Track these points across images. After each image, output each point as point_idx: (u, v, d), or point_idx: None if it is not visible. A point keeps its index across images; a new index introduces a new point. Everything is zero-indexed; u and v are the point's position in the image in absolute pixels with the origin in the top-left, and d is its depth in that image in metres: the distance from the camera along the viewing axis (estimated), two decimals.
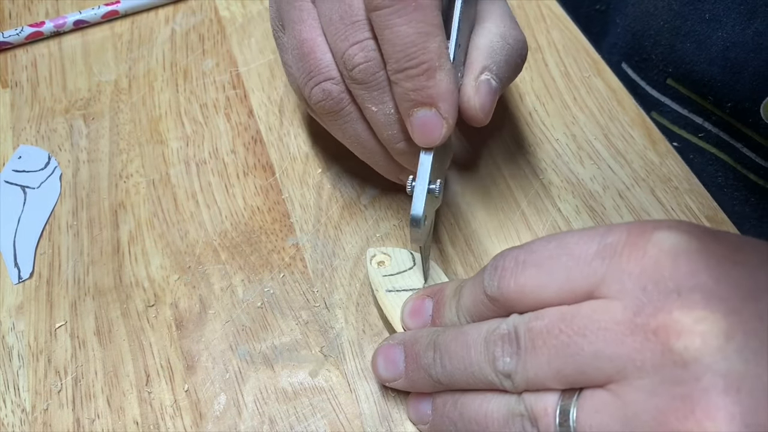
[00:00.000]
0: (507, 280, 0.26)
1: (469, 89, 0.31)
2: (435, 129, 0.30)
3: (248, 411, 0.32)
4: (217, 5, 0.48)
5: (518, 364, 0.25)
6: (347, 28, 0.30)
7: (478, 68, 0.31)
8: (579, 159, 0.39)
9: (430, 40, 0.28)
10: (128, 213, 0.39)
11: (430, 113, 0.29)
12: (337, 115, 0.33)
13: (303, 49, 0.32)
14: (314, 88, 0.32)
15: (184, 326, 0.35)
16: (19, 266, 0.37)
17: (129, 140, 0.42)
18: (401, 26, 0.28)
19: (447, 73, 0.29)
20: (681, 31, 0.43)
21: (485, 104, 0.31)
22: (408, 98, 0.29)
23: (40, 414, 0.32)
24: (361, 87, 0.31)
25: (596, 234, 0.25)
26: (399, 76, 0.29)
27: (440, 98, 0.29)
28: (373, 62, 0.30)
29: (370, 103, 0.31)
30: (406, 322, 0.31)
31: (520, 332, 0.25)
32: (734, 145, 0.44)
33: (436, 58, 0.29)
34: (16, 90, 0.45)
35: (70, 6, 0.48)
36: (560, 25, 0.45)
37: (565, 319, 0.24)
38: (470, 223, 0.37)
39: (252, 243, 0.37)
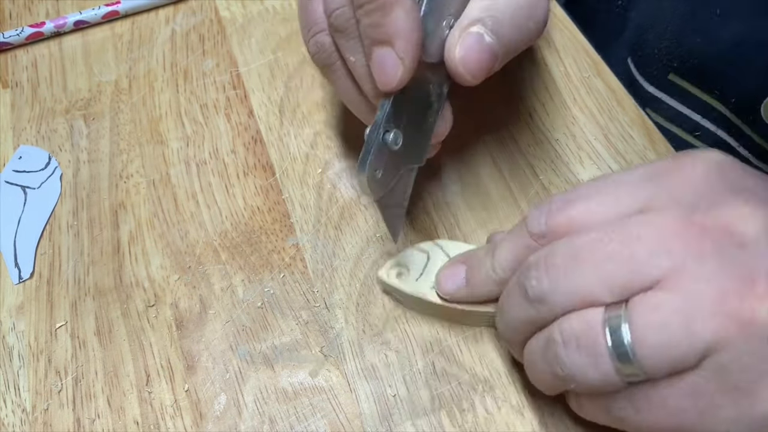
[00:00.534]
0: (554, 216, 0.26)
1: (452, 40, 0.29)
2: (391, 68, 0.28)
3: (248, 411, 0.32)
4: (218, 5, 0.48)
5: (550, 283, 0.25)
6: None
7: (467, 20, 0.29)
8: (579, 159, 0.39)
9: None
10: (128, 213, 0.39)
11: (387, 51, 0.28)
12: (330, 68, 0.32)
13: (302, 1, 0.32)
14: (310, 39, 0.31)
15: (185, 326, 0.35)
16: (19, 266, 0.37)
17: (129, 140, 0.42)
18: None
19: (405, 10, 0.27)
20: (690, 26, 0.43)
21: (468, 58, 0.29)
22: (366, 35, 0.28)
23: (41, 414, 0.33)
24: (340, 36, 0.30)
25: (641, 165, 0.26)
26: (359, 13, 0.28)
27: (396, 35, 0.27)
28: (347, 7, 0.29)
29: (347, 52, 0.30)
30: (441, 288, 0.31)
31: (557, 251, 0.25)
32: (731, 144, 0.44)
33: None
34: (16, 90, 0.45)
35: (71, 6, 0.49)
36: (560, 25, 0.45)
37: (616, 227, 0.24)
38: (470, 223, 0.37)
39: (252, 243, 0.37)
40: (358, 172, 0.28)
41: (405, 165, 0.31)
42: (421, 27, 0.28)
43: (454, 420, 0.31)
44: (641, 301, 0.23)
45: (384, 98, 0.29)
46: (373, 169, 0.28)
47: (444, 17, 0.29)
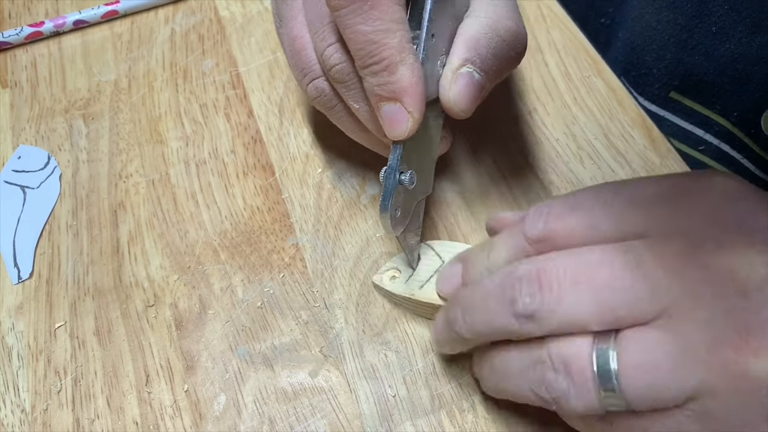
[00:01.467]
0: (553, 222, 0.26)
1: (445, 82, 0.31)
2: (401, 122, 0.30)
3: (248, 411, 0.32)
4: (217, 5, 0.48)
5: (544, 304, 0.24)
6: (323, 29, 0.31)
7: (457, 60, 0.31)
8: (579, 159, 0.39)
9: (389, 36, 0.28)
10: (128, 213, 0.39)
11: (395, 107, 0.29)
12: (332, 110, 0.34)
13: (295, 46, 0.33)
14: (308, 85, 0.33)
15: (184, 326, 0.34)
16: (18, 266, 0.37)
17: (129, 140, 0.42)
18: (359, 25, 0.28)
19: (409, 67, 0.29)
20: (688, 44, 0.43)
21: (461, 97, 0.31)
22: (373, 93, 0.30)
23: (40, 414, 0.32)
24: (341, 86, 0.32)
25: (651, 180, 0.25)
26: (364, 72, 0.30)
27: (403, 93, 0.29)
28: (345, 64, 0.31)
29: (351, 100, 0.32)
30: (440, 289, 0.32)
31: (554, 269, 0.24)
32: (734, 156, 0.44)
33: (396, 53, 0.29)
34: (15, 90, 0.45)
35: (70, 6, 0.48)
36: (560, 25, 0.45)
37: (618, 252, 0.23)
38: (470, 223, 0.37)
39: (252, 243, 0.37)
40: (381, 216, 0.30)
41: (417, 197, 0.33)
42: (423, 80, 0.30)
43: (454, 420, 0.31)
44: (633, 338, 0.23)
45: (394, 144, 0.31)
46: (394, 209, 0.30)
47: (438, 57, 0.31)
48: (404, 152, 0.31)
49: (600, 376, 0.23)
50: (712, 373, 0.21)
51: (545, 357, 0.24)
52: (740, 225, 0.23)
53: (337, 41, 0.30)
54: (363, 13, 0.28)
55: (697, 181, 0.25)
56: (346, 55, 0.30)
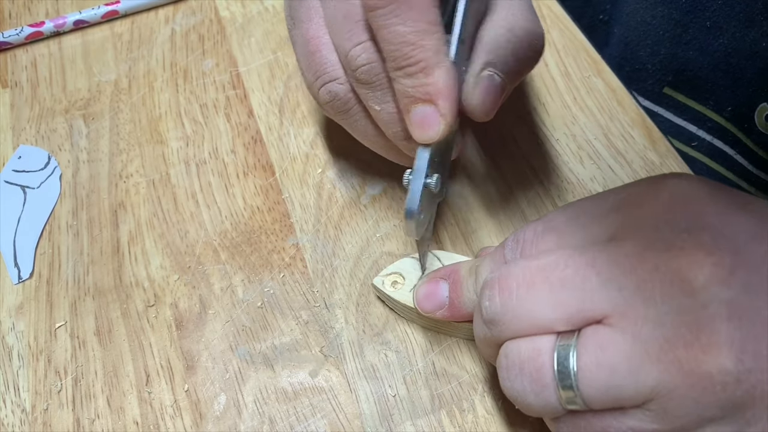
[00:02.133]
0: (528, 250, 0.27)
1: (469, 86, 0.31)
2: (433, 125, 0.29)
3: (248, 411, 0.32)
4: (217, 5, 0.48)
5: (502, 305, 0.25)
6: (350, 28, 0.30)
7: (479, 64, 0.31)
8: (579, 159, 0.39)
9: (426, 38, 0.28)
10: (128, 213, 0.39)
11: (429, 109, 0.29)
12: (345, 114, 0.33)
13: (309, 48, 0.32)
14: (321, 88, 0.32)
15: (184, 326, 0.35)
16: (19, 266, 0.37)
17: (129, 140, 0.42)
18: (397, 26, 0.28)
19: (445, 70, 0.29)
20: (683, 39, 0.44)
21: (486, 101, 0.31)
22: (407, 95, 0.29)
23: (40, 414, 0.32)
24: (365, 87, 0.31)
25: (611, 192, 0.26)
26: (398, 74, 0.29)
27: (438, 95, 0.29)
28: (375, 63, 0.30)
29: (373, 102, 0.31)
30: (421, 306, 0.31)
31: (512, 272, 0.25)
32: (727, 152, 0.45)
33: (433, 55, 0.28)
34: (16, 90, 0.45)
35: (70, 6, 0.48)
36: (560, 25, 0.45)
37: (573, 255, 0.24)
38: (470, 223, 0.37)
39: (252, 243, 0.37)
40: (406, 219, 0.30)
41: (435, 201, 0.34)
42: (457, 84, 0.29)
43: (454, 420, 0.31)
44: (591, 336, 0.23)
45: (422, 147, 0.30)
46: (419, 214, 0.30)
47: (464, 63, 0.31)
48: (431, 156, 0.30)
49: (560, 373, 0.23)
50: (667, 372, 0.22)
51: (502, 358, 0.25)
52: (689, 226, 0.23)
53: (367, 40, 0.30)
54: (401, 14, 0.28)
55: (651, 185, 0.25)
56: (375, 54, 0.30)
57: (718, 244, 0.23)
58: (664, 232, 0.23)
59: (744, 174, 0.45)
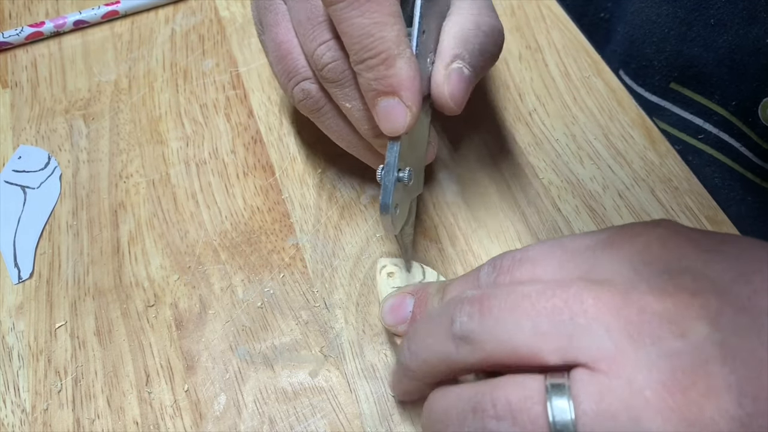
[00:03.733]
0: (503, 276, 0.26)
1: (439, 77, 0.31)
2: (399, 117, 0.29)
3: (248, 411, 0.32)
4: (217, 5, 0.48)
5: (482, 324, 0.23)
6: (314, 29, 0.31)
7: (449, 56, 0.31)
8: (579, 159, 0.39)
9: (386, 29, 0.28)
10: (128, 213, 0.39)
11: (393, 102, 0.29)
12: (318, 112, 0.34)
13: (280, 51, 0.33)
14: (294, 88, 0.33)
15: (184, 326, 0.35)
16: (19, 266, 0.37)
17: (129, 140, 0.42)
18: (356, 18, 0.28)
19: (407, 60, 0.29)
20: (688, 37, 0.44)
21: (456, 92, 0.31)
22: (370, 88, 0.29)
23: (40, 414, 0.32)
24: (333, 85, 0.31)
25: (590, 233, 0.26)
26: (360, 67, 0.29)
27: (401, 86, 0.29)
28: (339, 61, 0.30)
29: (343, 100, 0.32)
30: (385, 320, 0.32)
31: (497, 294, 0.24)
32: (733, 145, 0.45)
33: (394, 46, 0.28)
34: (16, 90, 0.45)
35: (70, 6, 0.48)
36: (560, 25, 0.45)
37: (561, 286, 0.23)
38: (470, 223, 0.37)
39: (252, 243, 0.37)
40: (381, 214, 0.30)
41: (411, 196, 0.34)
42: (420, 74, 0.30)
43: None
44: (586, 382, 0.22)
45: (391, 141, 0.30)
46: (394, 207, 0.30)
47: (427, 54, 0.32)
48: (401, 149, 0.31)
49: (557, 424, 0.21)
50: (669, 422, 0.21)
51: (486, 403, 0.23)
52: (669, 268, 0.23)
53: (330, 39, 0.30)
54: (360, 6, 0.28)
55: (631, 228, 0.25)
56: (339, 52, 0.30)
57: (701, 285, 0.22)
58: (644, 273, 0.23)
59: (749, 165, 0.45)
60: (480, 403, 0.23)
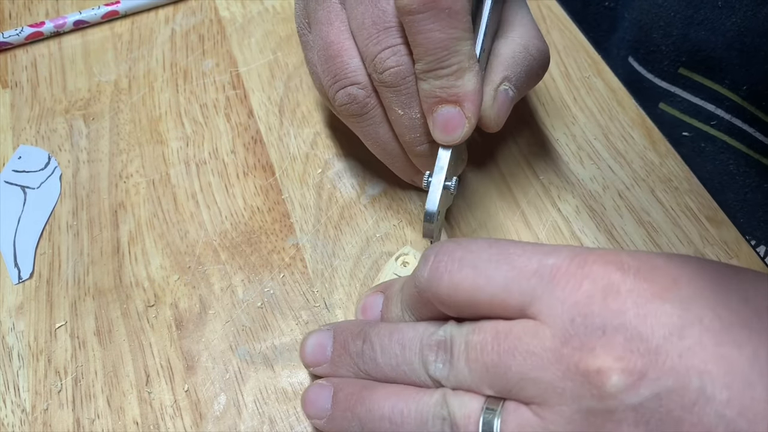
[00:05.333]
0: (440, 274, 0.26)
1: (488, 98, 0.32)
2: (457, 127, 0.31)
3: (248, 411, 0.32)
4: (217, 5, 0.48)
5: (450, 372, 0.26)
6: (380, 33, 0.31)
7: (498, 78, 0.32)
8: (579, 159, 0.39)
9: (461, 44, 0.30)
10: (128, 213, 0.39)
11: (454, 111, 0.31)
12: (361, 118, 0.34)
13: (329, 52, 0.32)
14: (339, 91, 0.33)
15: (184, 326, 0.35)
16: (19, 266, 0.37)
17: (129, 140, 0.42)
18: (434, 32, 0.29)
19: (475, 74, 0.30)
20: (695, 20, 0.44)
21: (501, 114, 0.32)
22: (433, 95, 0.30)
23: (40, 414, 0.32)
24: (390, 90, 0.32)
25: (538, 251, 0.25)
26: (428, 75, 0.30)
27: (466, 97, 0.30)
28: (404, 67, 0.31)
29: (397, 106, 0.32)
30: (359, 317, 0.32)
31: (456, 342, 0.26)
32: (746, 130, 0.45)
33: (466, 60, 0.30)
34: (16, 90, 0.45)
35: (70, 6, 0.48)
36: (560, 25, 0.45)
37: (499, 336, 0.24)
38: (470, 223, 0.37)
39: (252, 243, 0.37)
40: (425, 222, 0.31)
41: (447, 205, 0.35)
42: (482, 90, 0.31)
43: None
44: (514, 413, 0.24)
45: (443, 149, 0.32)
46: (438, 214, 0.31)
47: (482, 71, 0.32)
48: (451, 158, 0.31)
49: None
50: None
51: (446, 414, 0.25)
52: (604, 324, 0.23)
53: (396, 45, 0.31)
54: (440, 21, 0.29)
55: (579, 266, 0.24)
56: (405, 58, 0.31)
57: (631, 346, 0.22)
58: (580, 327, 0.23)
59: (765, 151, 0.45)
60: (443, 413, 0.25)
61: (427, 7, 0.28)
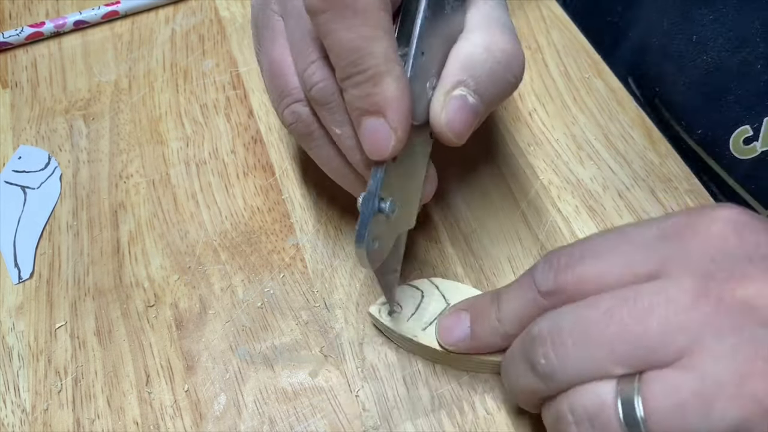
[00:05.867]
0: (564, 274, 0.25)
1: (437, 105, 0.28)
2: (383, 139, 0.27)
3: (248, 411, 0.32)
4: (217, 5, 0.48)
5: (559, 362, 0.24)
6: (306, 47, 0.28)
7: (450, 82, 0.28)
8: (579, 159, 0.39)
9: (374, 44, 0.26)
10: (128, 213, 0.39)
11: (378, 122, 0.27)
12: (309, 137, 0.31)
13: (273, 70, 0.30)
14: (285, 110, 0.30)
15: (184, 326, 0.35)
16: (19, 266, 0.37)
17: (129, 140, 0.42)
18: (341, 31, 0.26)
19: (395, 78, 0.26)
20: (668, 50, 0.42)
21: (455, 122, 0.28)
22: (354, 106, 0.27)
23: (40, 414, 0.32)
24: (322, 108, 0.29)
25: (654, 221, 0.25)
26: (345, 84, 0.27)
27: (387, 105, 0.26)
28: (329, 81, 0.28)
29: (333, 125, 0.29)
30: (443, 339, 0.31)
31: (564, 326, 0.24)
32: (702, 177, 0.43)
33: (382, 62, 0.26)
34: (16, 90, 0.45)
35: (70, 6, 0.48)
36: (560, 25, 0.45)
37: (627, 300, 0.23)
38: (470, 223, 0.37)
39: (252, 243, 0.37)
40: (356, 246, 0.27)
41: (398, 230, 0.31)
42: (410, 95, 0.27)
43: (454, 420, 0.31)
44: (656, 380, 0.22)
45: (375, 167, 0.28)
46: (371, 240, 0.27)
47: (428, 78, 0.29)
48: (386, 177, 0.27)
49: (627, 425, 0.22)
50: (744, 408, 0.21)
51: (567, 414, 0.24)
52: (749, 255, 0.22)
53: (321, 57, 0.28)
54: (345, 19, 0.25)
55: (700, 215, 0.24)
56: (329, 72, 0.28)
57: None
58: (722, 262, 0.22)
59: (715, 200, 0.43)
60: (561, 412, 0.24)
61: (328, 4, 0.25)
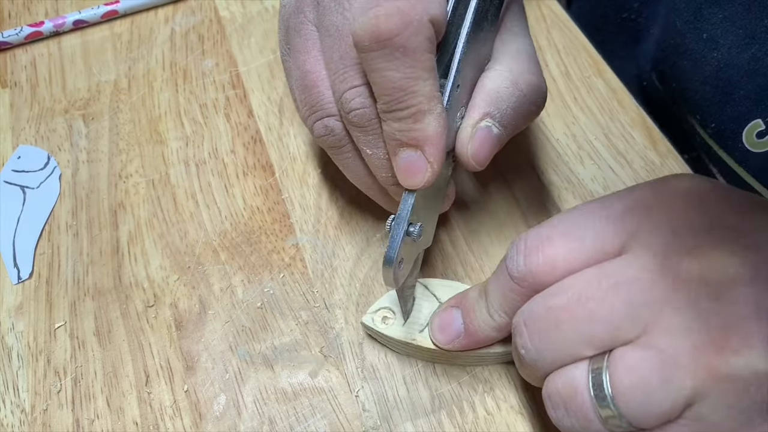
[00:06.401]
0: (533, 256, 0.26)
1: (465, 135, 0.30)
2: (419, 172, 0.28)
3: (248, 411, 0.32)
4: (217, 5, 0.48)
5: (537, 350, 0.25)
6: (346, 70, 0.29)
7: (478, 114, 0.30)
8: (579, 159, 0.39)
9: (419, 84, 0.27)
10: (128, 213, 0.39)
11: (415, 155, 0.28)
12: (338, 150, 0.32)
13: (306, 81, 0.31)
14: (317, 122, 0.31)
15: (184, 326, 0.34)
16: (18, 266, 0.37)
17: (129, 140, 0.42)
18: (388, 71, 0.27)
19: (436, 116, 0.28)
20: (680, 48, 0.43)
21: (479, 152, 0.30)
22: (394, 138, 0.29)
23: (40, 414, 0.32)
24: (358, 130, 0.30)
25: (620, 195, 0.25)
26: (387, 117, 0.28)
27: (426, 141, 0.28)
28: (368, 109, 0.29)
29: (365, 145, 0.30)
30: (437, 339, 0.31)
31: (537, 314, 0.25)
32: (712, 170, 0.44)
33: (425, 101, 0.27)
34: (15, 90, 0.45)
35: (70, 6, 0.48)
36: (560, 25, 0.45)
37: (592, 282, 0.24)
38: (470, 223, 0.37)
39: (252, 243, 0.37)
40: (385, 267, 0.29)
41: (419, 249, 0.32)
42: (447, 132, 0.29)
43: (454, 420, 0.31)
44: (621, 358, 0.23)
45: (407, 193, 0.29)
46: (398, 261, 0.29)
47: (458, 109, 0.30)
48: (415, 203, 0.29)
49: (597, 400, 0.23)
50: (698, 379, 0.22)
51: (546, 399, 0.25)
52: (709, 227, 0.23)
53: (361, 85, 0.29)
54: (394, 60, 0.27)
55: (663, 186, 0.25)
56: (369, 99, 0.29)
57: (740, 241, 0.22)
58: (684, 236, 0.23)
59: None
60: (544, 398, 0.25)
61: (380, 45, 0.26)
